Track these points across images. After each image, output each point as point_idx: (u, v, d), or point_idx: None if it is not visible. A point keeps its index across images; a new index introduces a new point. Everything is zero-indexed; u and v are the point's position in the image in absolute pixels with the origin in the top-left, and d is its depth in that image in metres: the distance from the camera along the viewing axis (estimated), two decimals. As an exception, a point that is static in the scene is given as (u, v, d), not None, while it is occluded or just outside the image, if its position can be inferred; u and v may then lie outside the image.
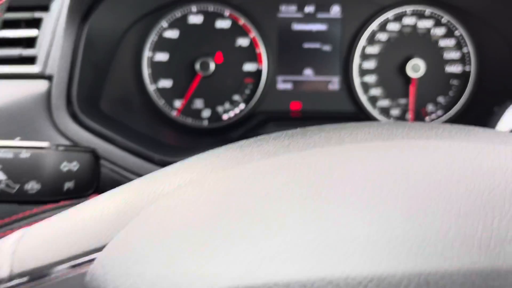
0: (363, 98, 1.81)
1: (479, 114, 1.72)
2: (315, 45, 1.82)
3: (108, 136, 1.36)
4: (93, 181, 1.07)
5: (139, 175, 1.34)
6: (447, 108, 1.82)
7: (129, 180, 1.27)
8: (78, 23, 1.37)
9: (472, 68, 1.80)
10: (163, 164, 1.37)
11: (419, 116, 1.82)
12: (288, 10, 1.80)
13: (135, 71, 1.76)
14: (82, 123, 1.34)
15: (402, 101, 1.83)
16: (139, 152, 1.37)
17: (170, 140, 1.76)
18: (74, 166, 1.01)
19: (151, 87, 1.78)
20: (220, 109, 1.81)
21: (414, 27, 1.79)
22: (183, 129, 1.79)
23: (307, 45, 1.82)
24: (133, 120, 1.69)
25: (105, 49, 1.53)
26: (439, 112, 1.82)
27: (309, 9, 1.80)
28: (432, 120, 1.82)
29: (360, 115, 1.80)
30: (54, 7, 1.47)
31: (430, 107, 1.83)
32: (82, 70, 1.38)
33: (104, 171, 1.16)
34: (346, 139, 0.69)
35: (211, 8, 1.76)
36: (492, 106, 1.69)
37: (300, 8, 1.80)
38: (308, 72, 1.83)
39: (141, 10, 1.63)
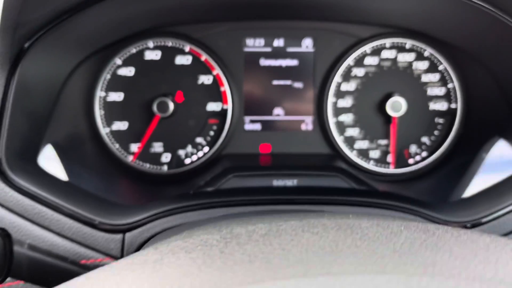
0: (339, 139, 1.64)
1: (467, 156, 1.56)
2: (286, 82, 1.65)
3: (42, 197, 1.18)
4: (1, 268, 0.89)
5: (76, 242, 1.16)
6: (432, 150, 1.65)
7: (51, 256, 1.09)
8: (7, 70, 1.20)
9: (458, 105, 1.64)
10: (104, 228, 1.20)
11: (401, 158, 1.66)
12: (254, 44, 1.64)
13: (86, 113, 1.59)
14: (11, 182, 1.17)
15: (382, 142, 1.66)
16: (78, 214, 1.19)
17: (126, 190, 1.58)
18: (-28, 255, 0.83)
19: (104, 130, 1.60)
20: (181, 153, 1.64)
21: (394, 61, 1.63)
22: (140, 177, 1.62)
23: (276, 82, 1.66)
24: (84, 167, 1.52)
25: (44, 95, 1.36)
26: (424, 154, 1.66)
27: (278, 42, 1.64)
28: (417, 162, 1.65)
29: (336, 157, 1.63)
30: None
31: (413, 148, 1.66)
32: (13, 121, 1.21)
33: (19, 252, 0.98)
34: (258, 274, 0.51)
35: (169, 43, 1.60)
36: (480, 146, 1.54)
37: (268, 42, 1.64)
38: (278, 111, 1.66)
39: (88, 49, 1.46)
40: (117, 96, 1.61)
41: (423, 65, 1.63)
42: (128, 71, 1.60)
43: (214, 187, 1.34)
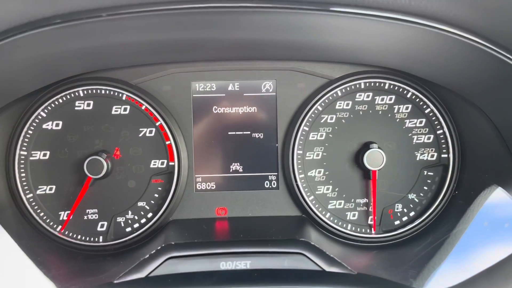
0: (309, 199, 1.37)
1: (463, 215, 1.29)
2: (244, 132, 1.39)
3: None
4: None
5: None
6: (421, 209, 1.37)
7: None
8: None
9: (450, 154, 1.37)
10: None
11: (385, 219, 1.37)
12: (205, 89, 1.39)
13: (4, 175, 1.33)
14: None
15: (361, 201, 1.39)
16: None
17: (52, 268, 1.30)
18: None
19: (26, 196, 1.34)
20: (120, 220, 1.37)
21: (371, 104, 1.37)
22: (71, 250, 1.34)
23: (232, 133, 1.40)
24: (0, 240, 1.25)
25: None
26: (412, 214, 1.38)
27: (233, 86, 1.39)
28: (404, 225, 1.38)
29: (307, 221, 1.36)
30: None
31: (399, 207, 1.39)
32: None
33: None
34: None
35: (104, 90, 1.35)
36: (479, 202, 1.27)
37: (221, 86, 1.39)
38: (236, 167, 1.39)
39: (1, 100, 1.22)
40: (41, 155, 1.35)
41: (406, 108, 1.38)
42: (55, 125, 1.35)
43: (144, 274, 1.06)
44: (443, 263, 1.13)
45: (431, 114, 1.37)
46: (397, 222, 1.38)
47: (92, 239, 1.35)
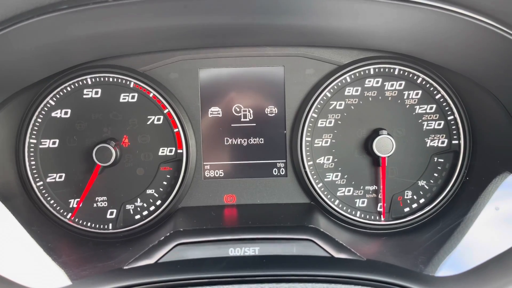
0: (317, 186, 1.36)
1: (474, 202, 1.28)
2: (252, 119, 1.37)
3: None
4: None
5: None
6: (431, 196, 1.36)
7: None
8: None
9: (461, 141, 1.35)
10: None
11: (395, 207, 1.37)
12: (213, 76, 1.36)
13: (15, 163, 1.34)
14: None
15: (370, 188, 1.38)
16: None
17: (63, 254, 1.32)
18: None
19: (36, 184, 1.35)
20: (129, 207, 1.37)
21: (381, 90, 1.36)
22: (81, 237, 1.35)
23: (241, 120, 1.38)
24: (12, 228, 1.26)
25: None
26: (422, 201, 1.37)
27: (242, 72, 1.36)
28: (413, 212, 1.36)
29: (315, 208, 1.35)
30: None
31: (409, 194, 1.37)
32: None
33: None
34: None
35: (111, 78, 1.35)
36: (490, 189, 1.26)
37: (229, 73, 1.36)
38: (244, 154, 1.38)
39: (8, 89, 1.22)
40: (51, 143, 1.35)
41: (416, 94, 1.36)
42: (63, 113, 1.35)
43: (153, 260, 1.06)
44: (453, 250, 1.12)
45: (441, 100, 1.35)
46: (406, 209, 1.37)
47: (101, 226, 1.36)
